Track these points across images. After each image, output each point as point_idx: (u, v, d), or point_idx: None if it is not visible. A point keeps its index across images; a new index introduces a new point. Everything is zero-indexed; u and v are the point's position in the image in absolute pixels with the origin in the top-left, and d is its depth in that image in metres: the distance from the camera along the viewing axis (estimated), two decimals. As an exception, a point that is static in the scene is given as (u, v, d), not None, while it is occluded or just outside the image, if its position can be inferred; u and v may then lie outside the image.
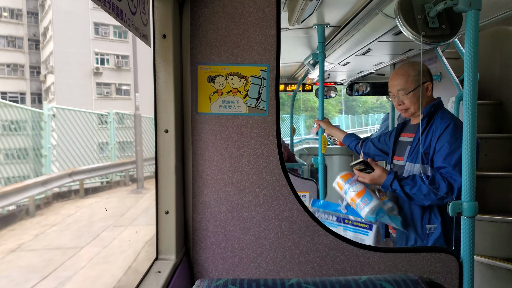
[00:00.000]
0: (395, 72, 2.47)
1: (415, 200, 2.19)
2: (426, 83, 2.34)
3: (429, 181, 2.11)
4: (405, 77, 2.37)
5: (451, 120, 2.20)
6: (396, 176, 2.21)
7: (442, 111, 2.31)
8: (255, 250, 1.80)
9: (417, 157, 2.30)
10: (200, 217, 1.81)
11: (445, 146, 2.15)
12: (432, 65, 3.90)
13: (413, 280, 0.96)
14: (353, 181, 2.26)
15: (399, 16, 1.68)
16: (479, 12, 1.47)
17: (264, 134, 1.78)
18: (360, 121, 22.33)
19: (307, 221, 1.79)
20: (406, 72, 2.38)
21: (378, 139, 2.90)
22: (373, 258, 1.75)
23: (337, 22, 3.16)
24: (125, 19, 1.24)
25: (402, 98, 2.38)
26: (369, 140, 2.98)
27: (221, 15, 1.74)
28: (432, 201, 2.15)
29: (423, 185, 2.12)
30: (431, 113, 2.32)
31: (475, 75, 1.49)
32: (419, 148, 2.30)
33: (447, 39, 1.68)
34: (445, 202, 2.11)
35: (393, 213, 2.25)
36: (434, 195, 2.10)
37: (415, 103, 2.35)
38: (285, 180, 1.79)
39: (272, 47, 1.76)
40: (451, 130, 2.17)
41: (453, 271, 1.71)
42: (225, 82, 1.77)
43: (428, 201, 2.16)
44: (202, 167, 1.79)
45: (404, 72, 2.39)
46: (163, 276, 1.51)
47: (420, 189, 2.13)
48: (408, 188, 2.16)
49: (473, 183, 1.52)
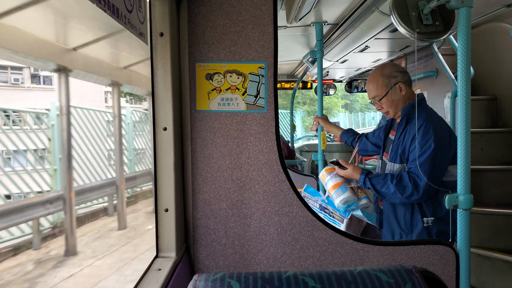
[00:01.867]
0: (368, 79, 2.49)
1: (387, 198, 2.27)
2: (397, 84, 2.33)
3: (397, 181, 2.17)
4: (375, 83, 2.39)
5: (423, 121, 2.20)
6: (367, 175, 2.30)
7: (420, 111, 2.30)
8: (256, 246, 1.82)
9: (396, 157, 2.34)
10: (200, 215, 1.82)
11: (416, 147, 2.18)
12: (429, 62, 3.92)
13: (407, 269, 0.99)
14: (334, 175, 2.47)
15: (393, 13, 1.71)
16: (471, 9, 1.49)
17: (263, 130, 1.79)
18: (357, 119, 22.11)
19: (307, 216, 1.81)
20: (375, 78, 2.40)
21: (373, 133, 2.92)
22: (372, 252, 1.77)
23: (335, 19, 3.18)
24: (121, 17, 1.25)
25: (378, 104, 2.42)
26: (364, 136, 3.01)
27: (218, 13, 1.75)
28: (401, 200, 2.20)
29: (391, 184, 2.18)
30: (409, 113, 2.33)
31: (468, 71, 1.51)
32: (398, 148, 2.34)
33: (441, 35, 1.70)
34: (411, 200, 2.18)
35: (368, 209, 2.44)
36: (400, 194, 2.16)
37: (393, 106, 2.37)
38: (284, 176, 1.81)
39: (270, 44, 1.77)
40: (422, 131, 2.18)
41: (450, 262, 1.73)
42: (224, 79, 1.79)
43: (396, 199, 2.22)
44: (201, 165, 1.80)
45: (373, 78, 2.41)
46: (163, 274, 1.51)
47: (388, 188, 2.20)
48: (378, 187, 2.24)
49: (468, 176, 1.54)
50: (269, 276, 0.96)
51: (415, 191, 2.12)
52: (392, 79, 2.33)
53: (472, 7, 1.49)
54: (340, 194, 2.39)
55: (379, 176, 2.27)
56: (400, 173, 2.21)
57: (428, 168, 2.12)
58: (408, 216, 2.28)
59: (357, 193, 2.43)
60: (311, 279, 0.96)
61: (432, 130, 2.15)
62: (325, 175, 2.50)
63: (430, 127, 2.16)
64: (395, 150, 2.37)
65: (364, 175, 2.31)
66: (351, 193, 2.40)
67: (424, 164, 2.12)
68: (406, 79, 2.36)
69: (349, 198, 2.38)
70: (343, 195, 2.38)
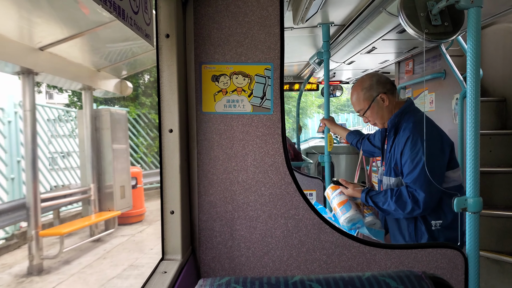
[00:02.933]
0: (350, 92, 2.46)
1: (391, 215, 2.23)
2: (378, 96, 2.30)
3: (396, 197, 2.13)
4: (356, 97, 2.37)
5: (409, 132, 2.16)
6: (368, 193, 2.26)
7: (406, 120, 2.25)
8: (262, 249, 1.81)
9: (390, 170, 2.31)
10: (206, 217, 1.81)
11: (407, 161, 2.15)
12: (436, 63, 3.89)
13: (416, 275, 0.97)
14: (339, 193, 2.43)
15: (402, 14, 1.69)
16: (480, 9, 1.47)
17: (269, 132, 1.78)
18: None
19: (313, 219, 1.79)
20: (356, 92, 2.38)
21: (374, 136, 2.89)
22: (379, 255, 1.75)
23: (342, 20, 3.17)
24: (127, 19, 1.24)
25: (365, 117, 2.40)
26: (366, 137, 2.98)
27: (224, 14, 1.74)
28: (404, 216, 2.17)
29: (391, 202, 2.14)
30: (396, 123, 2.29)
31: (477, 72, 1.49)
32: (390, 162, 2.31)
33: (450, 36, 1.68)
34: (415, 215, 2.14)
35: (375, 226, 2.37)
36: (401, 211, 2.12)
37: (378, 117, 2.35)
38: (290, 179, 1.80)
39: (276, 45, 1.76)
40: (410, 143, 2.14)
41: (459, 266, 1.71)
42: (230, 81, 1.78)
43: (400, 215, 2.18)
44: (207, 167, 1.80)
45: (354, 92, 2.39)
46: (169, 276, 1.50)
47: (389, 206, 2.16)
48: (380, 204, 2.21)
49: (477, 179, 1.52)
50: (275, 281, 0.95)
51: (416, 206, 2.08)
52: (373, 92, 2.30)
53: (482, 7, 1.47)
54: (345, 213, 2.34)
55: (380, 193, 2.23)
56: (399, 189, 2.16)
57: (424, 182, 2.07)
58: (412, 228, 2.25)
59: (363, 210, 2.39)
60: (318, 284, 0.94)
61: (420, 141, 2.10)
62: (330, 193, 2.48)
63: (418, 138, 2.12)
64: (388, 163, 2.33)
65: (365, 193, 2.27)
66: (356, 211, 2.35)
67: (419, 178, 2.08)
68: (388, 88, 2.32)
69: (353, 216, 2.33)
70: (348, 214, 2.33)
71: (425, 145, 2.08)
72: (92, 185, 8.04)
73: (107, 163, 8.29)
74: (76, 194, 7.81)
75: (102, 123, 8.28)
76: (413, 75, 4.44)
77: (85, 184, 8.14)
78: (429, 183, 2.06)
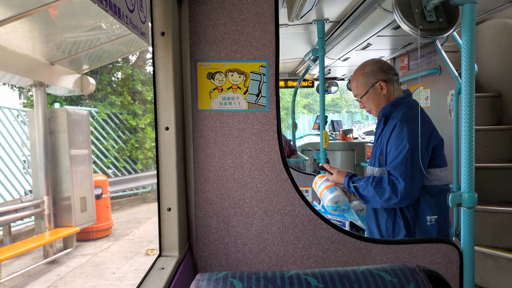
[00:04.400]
0: (352, 76, 2.42)
1: (369, 202, 2.18)
2: (377, 82, 2.26)
3: (376, 183, 2.10)
4: (355, 81, 2.34)
5: (397, 120, 2.13)
6: (351, 177, 2.23)
7: (398, 111, 2.21)
8: (258, 245, 1.82)
9: (375, 160, 2.28)
10: (202, 214, 1.82)
11: (392, 149, 2.11)
12: (432, 59, 3.91)
13: (410, 269, 0.98)
14: (325, 180, 2.42)
15: (396, 10, 1.69)
16: (475, 5, 1.48)
17: (264, 129, 1.79)
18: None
19: (309, 215, 1.80)
20: (356, 76, 2.35)
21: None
22: (375, 250, 1.76)
23: (337, 17, 3.17)
24: (122, 17, 1.24)
25: (361, 102, 2.37)
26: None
27: (219, 11, 1.75)
28: (381, 204, 2.13)
29: (371, 187, 2.10)
30: (387, 113, 2.26)
31: (472, 68, 1.50)
32: (376, 151, 2.28)
33: (444, 32, 1.68)
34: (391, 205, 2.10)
35: (362, 212, 2.38)
36: (379, 198, 2.08)
37: (374, 104, 2.31)
38: (286, 175, 1.80)
39: (271, 43, 1.77)
40: (396, 131, 2.11)
41: (454, 261, 1.72)
42: (225, 78, 1.78)
43: (377, 203, 2.14)
44: (203, 164, 1.80)
45: (355, 76, 2.36)
46: (166, 273, 1.51)
47: (368, 191, 2.12)
48: (360, 189, 2.17)
49: (471, 174, 1.53)
50: (271, 275, 0.96)
51: (393, 194, 2.04)
52: (372, 78, 2.27)
53: (476, 3, 1.48)
54: (329, 195, 2.31)
55: (362, 179, 2.20)
56: (381, 176, 2.12)
57: (405, 170, 2.03)
58: (391, 223, 2.20)
59: (350, 195, 2.37)
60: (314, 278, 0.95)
61: (407, 129, 2.07)
62: (318, 181, 2.46)
63: (404, 126, 2.08)
64: (374, 152, 2.30)
65: (348, 178, 2.24)
66: (341, 192, 2.32)
67: (399, 166, 2.04)
68: (388, 77, 2.28)
69: (338, 197, 2.30)
70: (331, 195, 2.30)
71: (411, 135, 2.04)
72: (45, 198, 6.92)
73: (64, 172, 7.15)
74: (28, 208, 6.76)
75: (57, 125, 7.13)
76: (408, 71, 4.45)
77: (38, 196, 6.99)
78: (411, 173, 2.03)
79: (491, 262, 3.27)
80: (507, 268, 3.17)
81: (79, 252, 7.32)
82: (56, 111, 7.21)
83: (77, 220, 7.22)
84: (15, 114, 9.17)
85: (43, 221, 6.96)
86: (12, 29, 4.91)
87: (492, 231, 3.36)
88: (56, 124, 7.13)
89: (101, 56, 7.34)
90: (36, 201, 6.87)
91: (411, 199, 2.07)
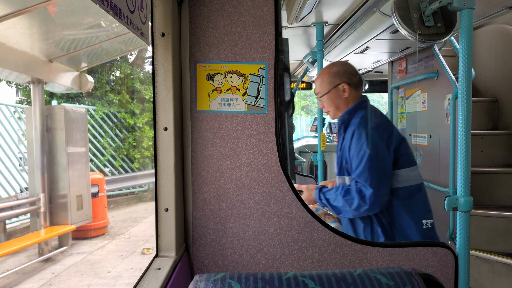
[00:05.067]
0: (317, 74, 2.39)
1: (342, 213, 2.15)
2: (340, 84, 2.21)
3: (344, 192, 2.07)
4: (320, 79, 2.30)
5: (355, 127, 2.10)
6: (321, 190, 2.20)
7: (355, 117, 2.18)
8: (255, 247, 1.82)
9: (342, 169, 2.23)
10: (200, 214, 1.82)
11: (353, 156, 2.08)
12: (429, 63, 3.92)
13: (406, 272, 0.99)
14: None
15: (395, 14, 1.71)
16: (473, 10, 1.49)
17: (263, 131, 1.79)
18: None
19: (306, 217, 1.81)
20: (321, 74, 2.31)
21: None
22: (371, 253, 1.77)
23: (335, 20, 3.18)
24: (123, 18, 1.25)
25: (320, 101, 2.33)
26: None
27: (219, 13, 1.75)
28: (353, 214, 2.09)
29: (340, 197, 2.08)
30: (345, 121, 2.22)
31: (469, 73, 1.51)
32: (342, 160, 2.23)
33: (442, 37, 1.70)
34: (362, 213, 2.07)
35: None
36: (348, 207, 2.05)
37: (333, 106, 2.26)
38: (284, 177, 1.81)
39: (271, 45, 1.77)
40: (355, 138, 2.08)
41: (449, 264, 1.73)
42: (224, 80, 1.78)
43: (348, 213, 2.11)
44: (201, 165, 1.81)
45: (320, 74, 2.33)
46: (163, 273, 1.51)
47: (338, 201, 2.09)
48: (331, 201, 2.14)
49: (467, 178, 1.54)
50: (269, 277, 0.97)
51: (362, 202, 2.01)
52: (337, 79, 2.22)
53: (474, 9, 1.49)
54: None
55: (332, 189, 2.17)
56: (350, 184, 2.09)
57: (369, 176, 2.01)
58: (368, 231, 2.16)
59: (326, 218, 2.31)
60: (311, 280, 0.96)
61: (365, 134, 2.05)
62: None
63: (362, 131, 2.06)
64: (339, 162, 2.25)
65: (318, 190, 2.20)
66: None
67: (363, 173, 2.02)
68: (353, 81, 2.24)
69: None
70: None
71: (370, 139, 2.03)
72: (41, 195, 6.84)
73: (61, 169, 7.10)
74: (24, 206, 6.70)
75: (55, 122, 7.09)
76: (406, 75, 4.47)
77: (34, 193, 6.93)
78: (377, 179, 2.01)
79: (486, 266, 3.29)
80: (502, 272, 3.18)
81: (75, 250, 7.24)
82: (54, 109, 7.20)
83: (73, 218, 7.16)
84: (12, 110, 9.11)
85: (38, 218, 6.88)
86: (11, 25, 4.92)
87: (488, 235, 3.37)
88: (54, 122, 7.10)
89: (100, 54, 7.30)
90: (32, 199, 6.82)
91: (380, 204, 2.05)
